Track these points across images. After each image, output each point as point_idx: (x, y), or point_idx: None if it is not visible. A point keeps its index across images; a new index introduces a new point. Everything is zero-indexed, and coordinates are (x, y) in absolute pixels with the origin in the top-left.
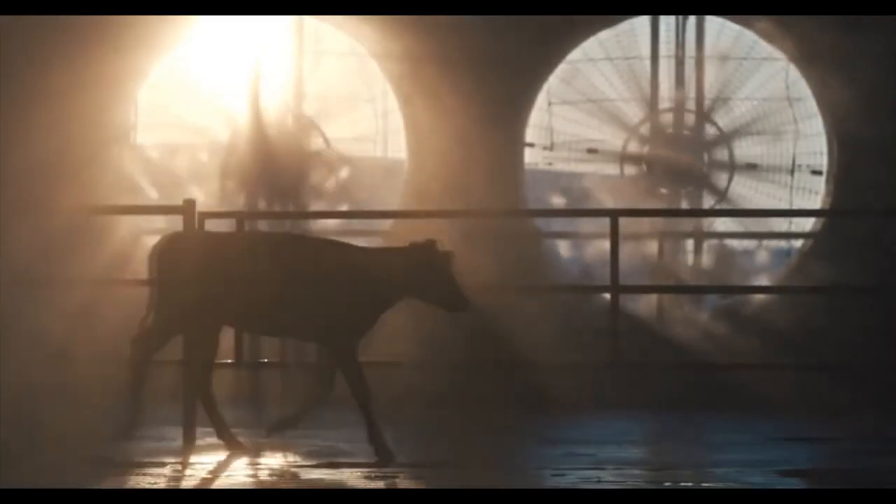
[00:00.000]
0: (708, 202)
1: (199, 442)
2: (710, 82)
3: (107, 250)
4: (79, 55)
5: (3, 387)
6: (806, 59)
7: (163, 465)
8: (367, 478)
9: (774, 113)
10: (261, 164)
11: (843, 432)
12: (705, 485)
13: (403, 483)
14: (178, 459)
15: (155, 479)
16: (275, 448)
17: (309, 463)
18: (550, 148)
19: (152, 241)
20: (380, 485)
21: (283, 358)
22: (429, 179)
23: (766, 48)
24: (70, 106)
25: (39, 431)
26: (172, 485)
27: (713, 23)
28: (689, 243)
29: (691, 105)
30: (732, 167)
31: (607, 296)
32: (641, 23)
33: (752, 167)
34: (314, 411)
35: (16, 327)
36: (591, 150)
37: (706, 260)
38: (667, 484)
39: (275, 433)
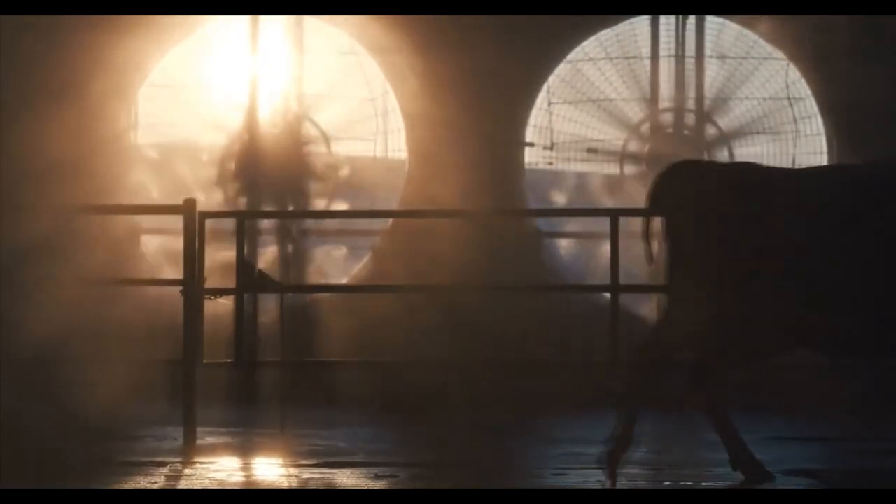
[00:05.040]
0: None
1: (199, 442)
2: (710, 82)
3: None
4: (78, 54)
5: (3, 387)
6: (806, 59)
7: (163, 465)
8: (367, 478)
9: (774, 113)
10: (260, 164)
11: (844, 432)
12: (705, 485)
13: (403, 483)
14: (178, 459)
15: (155, 479)
16: (275, 448)
17: (309, 463)
18: (550, 148)
19: (151, 240)
20: (380, 485)
21: (284, 357)
22: (429, 179)
23: (766, 48)
24: (69, 106)
25: (38, 431)
26: (172, 485)
27: (713, 23)
28: None
29: (691, 105)
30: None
31: (607, 295)
32: (641, 23)
33: None
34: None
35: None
36: (591, 150)
37: None
38: (667, 484)
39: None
